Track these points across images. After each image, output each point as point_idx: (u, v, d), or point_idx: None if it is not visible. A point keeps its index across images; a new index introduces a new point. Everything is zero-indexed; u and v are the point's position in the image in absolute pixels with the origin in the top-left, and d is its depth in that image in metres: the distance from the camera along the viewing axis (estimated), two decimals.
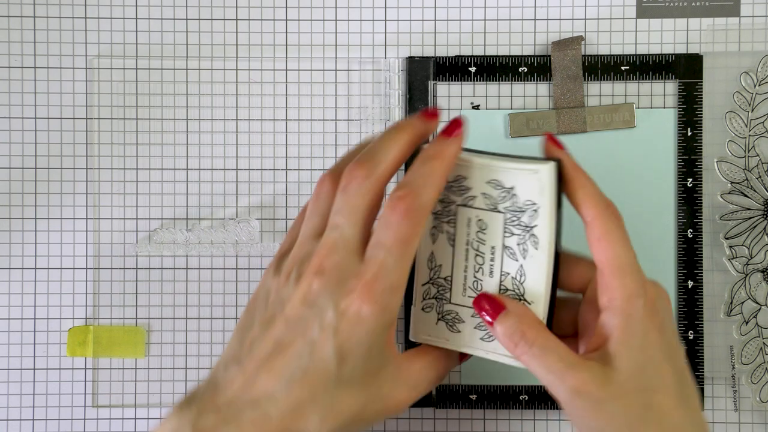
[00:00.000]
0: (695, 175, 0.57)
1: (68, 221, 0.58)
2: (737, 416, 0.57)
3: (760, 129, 0.57)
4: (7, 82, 0.58)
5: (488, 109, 0.58)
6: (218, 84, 0.58)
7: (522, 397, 0.57)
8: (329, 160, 0.58)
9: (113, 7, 0.58)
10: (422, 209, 0.43)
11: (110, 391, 0.58)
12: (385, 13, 0.58)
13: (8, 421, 0.58)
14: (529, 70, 0.57)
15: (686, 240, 0.57)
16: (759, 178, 0.56)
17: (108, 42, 0.58)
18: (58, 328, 0.58)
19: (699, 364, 0.57)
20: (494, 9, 0.58)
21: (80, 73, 0.58)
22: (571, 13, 0.58)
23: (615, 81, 0.57)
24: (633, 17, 0.58)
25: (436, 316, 0.48)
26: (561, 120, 0.57)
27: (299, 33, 0.58)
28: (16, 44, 0.58)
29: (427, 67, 0.57)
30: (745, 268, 0.57)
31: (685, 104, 0.57)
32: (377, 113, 0.58)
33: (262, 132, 0.58)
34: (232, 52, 0.58)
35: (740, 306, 0.57)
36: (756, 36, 0.57)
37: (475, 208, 0.46)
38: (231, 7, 0.58)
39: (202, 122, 0.58)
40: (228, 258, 0.58)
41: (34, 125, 0.58)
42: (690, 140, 0.57)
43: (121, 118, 0.58)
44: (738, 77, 0.57)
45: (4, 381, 0.58)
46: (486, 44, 0.58)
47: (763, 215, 0.56)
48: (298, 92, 0.58)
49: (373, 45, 0.58)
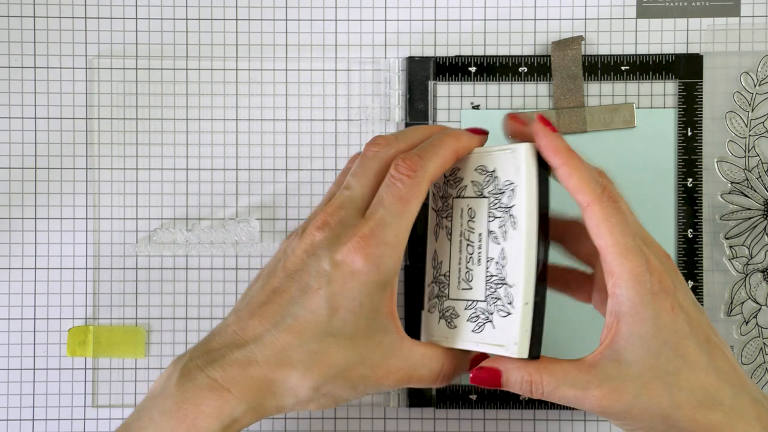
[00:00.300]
0: (695, 175, 0.57)
1: (68, 221, 0.58)
2: None
3: (760, 129, 0.57)
4: (7, 82, 0.58)
5: (488, 109, 0.58)
6: (218, 84, 0.58)
7: (522, 397, 0.57)
8: (329, 160, 0.58)
9: (113, 7, 0.58)
10: (425, 174, 0.44)
11: (110, 391, 0.58)
12: (385, 13, 0.58)
13: (8, 421, 0.58)
14: (529, 70, 0.57)
15: (686, 240, 0.57)
16: (759, 178, 0.56)
17: (108, 42, 0.58)
18: (58, 328, 0.58)
19: None
20: (494, 9, 0.58)
21: (80, 73, 0.58)
22: (571, 13, 0.58)
23: (615, 81, 0.57)
24: (633, 17, 0.58)
25: (438, 315, 0.48)
26: (561, 120, 0.57)
27: (299, 33, 0.58)
28: (16, 44, 0.58)
29: (427, 67, 0.57)
30: (745, 268, 0.57)
31: (685, 104, 0.57)
32: (377, 113, 0.58)
33: (262, 132, 0.58)
34: (232, 52, 0.58)
35: (740, 306, 0.57)
36: (756, 36, 0.57)
37: (465, 198, 0.46)
38: (231, 7, 0.58)
39: (202, 122, 0.58)
40: (228, 258, 0.58)
41: (34, 125, 0.58)
42: (690, 140, 0.57)
43: (121, 118, 0.58)
44: (738, 77, 0.57)
45: (4, 381, 0.58)
46: (486, 44, 0.58)
47: (763, 215, 0.56)
48: (298, 92, 0.58)
49: (373, 45, 0.58)
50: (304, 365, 0.43)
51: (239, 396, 0.42)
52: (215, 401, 0.42)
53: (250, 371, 0.42)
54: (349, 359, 0.43)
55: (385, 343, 0.44)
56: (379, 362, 0.44)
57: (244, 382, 0.42)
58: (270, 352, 0.42)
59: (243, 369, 0.42)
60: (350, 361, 0.43)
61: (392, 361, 0.45)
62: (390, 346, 0.44)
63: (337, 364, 0.43)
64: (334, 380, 0.43)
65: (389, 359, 0.44)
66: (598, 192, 0.43)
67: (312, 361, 0.43)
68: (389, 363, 0.45)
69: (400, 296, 0.58)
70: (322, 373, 0.43)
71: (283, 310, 0.43)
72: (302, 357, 0.43)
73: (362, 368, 0.44)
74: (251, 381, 0.42)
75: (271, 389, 0.43)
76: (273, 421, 0.58)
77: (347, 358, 0.43)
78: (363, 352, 0.44)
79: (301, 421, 0.58)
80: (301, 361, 0.43)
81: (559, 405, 0.57)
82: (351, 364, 0.43)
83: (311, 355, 0.43)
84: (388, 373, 0.45)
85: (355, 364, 0.43)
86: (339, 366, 0.43)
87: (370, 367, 0.44)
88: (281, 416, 0.58)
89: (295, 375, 0.43)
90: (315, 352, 0.43)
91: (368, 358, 0.44)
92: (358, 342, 0.44)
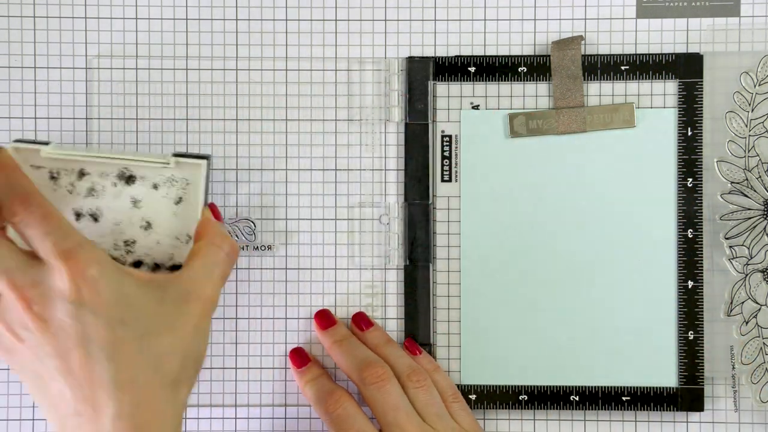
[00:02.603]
0: (695, 175, 0.57)
1: None
2: (737, 416, 0.57)
3: (760, 129, 0.56)
4: (7, 82, 0.58)
5: (488, 109, 0.58)
6: (218, 84, 0.58)
7: (522, 397, 0.57)
8: (329, 160, 0.58)
9: (113, 7, 0.58)
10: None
11: None
12: (385, 13, 0.58)
13: (8, 421, 0.58)
14: (528, 69, 0.57)
15: (686, 240, 0.57)
16: (759, 178, 0.56)
17: (108, 42, 0.58)
18: None
19: (699, 364, 0.57)
20: (494, 9, 0.58)
21: (80, 73, 0.58)
22: (571, 13, 0.58)
23: (615, 81, 0.57)
24: (633, 17, 0.58)
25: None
26: (561, 120, 0.57)
27: (299, 33, 0.58)
28: (16, 44, 0.58)
29: (427, 67, 0.57)
30: (745, 268, 0.57)
31: (685, 104, 0.57)
32: (377, 113, 0.58)
33: (262, 132, 0.58)
34: (232, 52, 0.58)
35: (740, 306, 0.57)
36: (756, 36, 0.57)
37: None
38: (231, 7, 0.58)
39: (202, 122, 0.58)
40: None
41: (34, 125, 0.58)
42: (690, 140, 0.57)
43: (121, 118, 0.58)
44: (738, 77, 0.57)
45: (4, 381, 0.58)
46: (486, 44, 0.58)
47: (763, 215, 0.56)
48: (298, 92, 0.58)
49: (373, 45, 0.58)
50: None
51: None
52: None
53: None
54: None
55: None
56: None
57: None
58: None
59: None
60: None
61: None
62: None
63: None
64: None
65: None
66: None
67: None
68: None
69: (400, 296, 0.58)
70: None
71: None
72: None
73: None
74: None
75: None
76: (273, 421, 0.58)
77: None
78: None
79: (301, 421, 0.58)
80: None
81: (559, 405, 0.57)
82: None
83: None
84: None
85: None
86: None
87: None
88: (281, 416, 0.58)
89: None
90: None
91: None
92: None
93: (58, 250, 0.43)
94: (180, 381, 0.46)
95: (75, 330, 0.43)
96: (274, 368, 0.58)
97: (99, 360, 0.43)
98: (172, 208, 0.52)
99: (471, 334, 0.57)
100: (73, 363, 0.43)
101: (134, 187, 0.51)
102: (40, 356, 0.44)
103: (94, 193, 0.51)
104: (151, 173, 0.51)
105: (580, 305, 0.57)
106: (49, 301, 0.43)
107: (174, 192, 0.51)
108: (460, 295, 0.57)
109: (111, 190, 0.51)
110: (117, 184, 0.51)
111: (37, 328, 0.43)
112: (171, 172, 0.51)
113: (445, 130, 0.58)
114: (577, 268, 0.57)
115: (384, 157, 0.58)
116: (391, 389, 0.53)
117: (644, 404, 0.57)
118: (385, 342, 0.56)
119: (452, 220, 0.58)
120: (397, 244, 0.58)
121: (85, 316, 0.43)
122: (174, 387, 0.45)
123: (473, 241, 0.57)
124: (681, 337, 0.57)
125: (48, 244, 0.43)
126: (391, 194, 0.58)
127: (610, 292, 0.57)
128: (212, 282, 0.48)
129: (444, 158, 0.57)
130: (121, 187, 0.51)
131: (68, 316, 0.43)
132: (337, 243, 0.58)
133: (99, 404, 0.43)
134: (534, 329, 0.57)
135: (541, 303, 0.57)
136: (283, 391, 0.58)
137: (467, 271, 0.57)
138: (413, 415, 0.53)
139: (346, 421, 0.53)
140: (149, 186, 0.51)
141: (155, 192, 0.51)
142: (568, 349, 0.57)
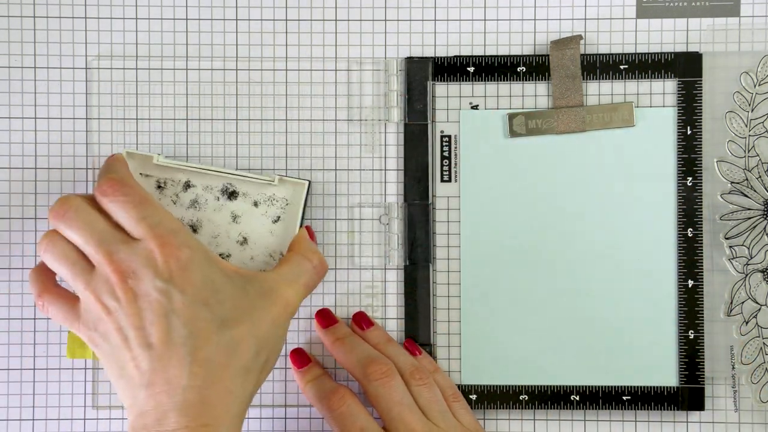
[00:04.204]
0: (695, 175, 0.57)
1: None
2: (737, 416, 0.57)
3: (760, 129, 0.56)
4: (7, 82, 0.58)
5: (487, 109, 0.58)
6: (218, 84, 0.58)
7: (522, 397, 0.57)
8: (329, 160, 0.58)
9: (113, 7, 0.58)
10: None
11: (110, 391, 0.58)
12: (385, 13, 0.58)
13: (8, 421, 0.58)
14: (527, 69, 0.57)
15: (686, 240, 0.57)
16: (759, 178, 0.56)
17: (108, 42, 0.58)
18: (58, 328, 0.58)
19: (699, 364, 0.56)
20: (494, 9, 0.58)
21: (80, 73, 0.58)
22: (571, 13, 0.58)
23: (614, 80, 0.57)
24: (633, 17, 0.58)
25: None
26: (560, 119, 0.57)
27: (299, 33, 0.58)
28: (16, 44, 0.58)
29: (426, 68, 0.57)
30: (745, 268, 0.57)
31: (684, 103, 0.57)
32: (377, 113, 0.58)
33: (262, 132, 0.58)
34: (232, 52, 0.58)
35: (740, 306, 0.57)
36: (756, 36, 0.57)
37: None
38: (231, 7, 0.58)
39: (202, 122, 0.58)
40: None
41: (34, 125, 0.58)
42: (690, 139, 0.57)
43: (121, 119, 0.58)
44: (738, 77, 0.57)
45: (4, 381, 0.58)
46: (485, 44, 0.58)
47: (763, 215, 0.56)
48: (298, 92, 0.58)
49: (373, 45, 0.58)
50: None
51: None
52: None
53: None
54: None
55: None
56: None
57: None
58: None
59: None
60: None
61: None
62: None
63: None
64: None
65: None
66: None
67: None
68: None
69: (400, 296, 0.58)
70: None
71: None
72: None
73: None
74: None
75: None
76: (273, 421, 0.58)
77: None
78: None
79: (301, 421, 0.58)
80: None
81: (559, 405, 0.57)
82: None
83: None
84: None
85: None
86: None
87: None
88: (281, 416, 0.58)
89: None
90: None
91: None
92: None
93: (153, 232, 0.47)
94: (251, 370, 0.48)
95: (161, 305, 0.46)
96: (274, 368, 0.58)
97: (180, 335, 0.46)
98: (270, 226, 0.55)
99: (471, 334, 0.57)
100: (154, 336, 0.46)
101: (235, 202, 0.54)
102: (124, 327, 0.47)
103: (197, 205, 0.54)
104: (253, 190, 0.54)
105: (580, 305, 0.57)
106: (141, 276, 0.47)
107: (273, 211, 0.54)
108: (460, 295, 0.57)
109: (213, 204, 0.54)
110: (219, 198, 0.54)
111: (127, 300, 0.47)
112: (273, 190, 0.55)
113: (445, 131, 0.58)
114: (577, 267, 0.57)
115: (384, 158, 0.58)
116: (396, 385, 0.53)
117: (644, 404, 0.57)
118: (385, 341, 0.56)
119: (452, 220, 0.58)
120: (397, 244, 0.58)
121: (172, 293, 0.47)
122: (245, 374, 0.48)
123: (473, 241, 0.57)
124: (681, 337, 0.57)
125: (144, 226, 0.47)
126: (391, 194, 0.58)
127: (610, 291, 0.57)
128: (295, 287, 0.52)
129: (443, 158, 0.58)
130: (223, 201, 0.54)
131: (157, 291, 0.47)
132: (337, 243, 0.58)
133: (172, 376, 0.46)
134: (534, 329, 0.57)
135: (541, 303, 0.57)
136: (283, 391, 0.58)
137: (467, 271, 0.57)
138: (417, 412, 0.53)
139: (350, 418, 0.53)
140: (250, 203, 0.54)
141: (255, 209, 0.54)
142: (568, 349, 0.57)
